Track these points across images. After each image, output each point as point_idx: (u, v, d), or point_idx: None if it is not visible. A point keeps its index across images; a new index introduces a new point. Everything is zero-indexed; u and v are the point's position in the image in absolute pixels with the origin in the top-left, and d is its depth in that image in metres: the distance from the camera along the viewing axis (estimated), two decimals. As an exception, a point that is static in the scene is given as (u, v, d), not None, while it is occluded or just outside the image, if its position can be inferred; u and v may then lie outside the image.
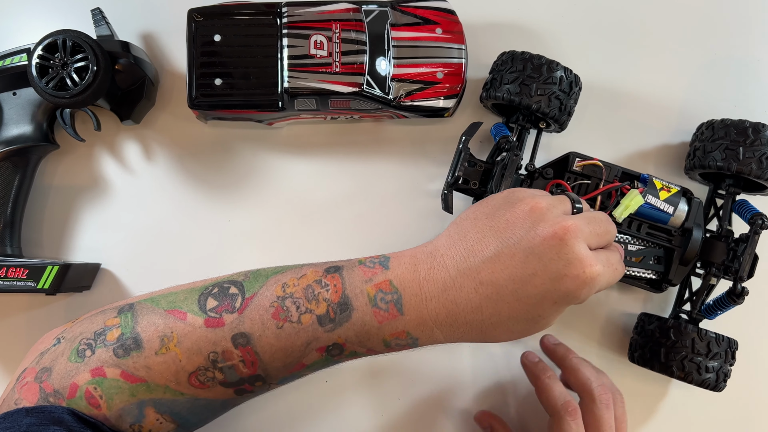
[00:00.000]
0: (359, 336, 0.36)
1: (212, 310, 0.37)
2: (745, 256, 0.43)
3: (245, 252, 0.51)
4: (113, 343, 0.37)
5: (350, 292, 0.36)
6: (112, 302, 0.50)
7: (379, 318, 0.36)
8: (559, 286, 0.34)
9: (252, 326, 0.36)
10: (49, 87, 0.45)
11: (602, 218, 0.38)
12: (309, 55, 0.46)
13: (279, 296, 0.37)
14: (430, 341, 0.37)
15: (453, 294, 0.35)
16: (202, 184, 0.51)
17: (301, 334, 0.36)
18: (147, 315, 0.38)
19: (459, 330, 0.36)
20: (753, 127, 0.44)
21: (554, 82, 0.45)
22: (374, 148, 0.52)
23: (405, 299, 0.36)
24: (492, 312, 0.35)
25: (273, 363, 0.37)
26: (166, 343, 0.36)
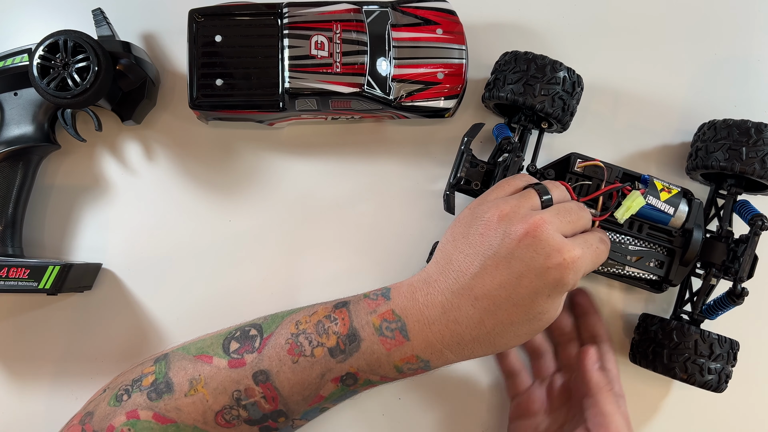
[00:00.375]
0: (370, 364, 0.38)
1: (235, 351, 0.40)
2: (745, 257, 0.43)
3: (246, 252, 0.51)
4: (147, 388, 0.40)
5: (357, 323, 0.39)
6: (113, 303, 0.50)
7: (386, 345, 0.38)
8: (546, 279, 0.36)
9: (270, 363, 0.39)
10: (51, 87, 0.45)
11: (571, 207, 0.39)
12: (310, 56, 0.46)
13: (293, 333, 0.39)
14: (442, 362, 0.39)
15: (453, 314, 0.37)
16: (203, 185, 0.52)
17: (315, 366, 0.38)
18: (178, 361, 0.40)
19: (468, 347, 0.38)
20: (756, 127, 0.44)
21: (557, 83, 0.45)
22: (375, 148, 0.52)
23: (409, 325, 0.38)
24: (494, 323, 0.37)
25: (292, 397, 0.39)
26: (195, 385, 0.39)
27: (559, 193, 0.40)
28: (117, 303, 0.50)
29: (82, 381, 0.50)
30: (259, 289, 0.51)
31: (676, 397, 0.50)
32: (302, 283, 0.51)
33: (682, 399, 0.50)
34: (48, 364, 0.50)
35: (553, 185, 0.41)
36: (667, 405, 0.50)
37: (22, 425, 0.50)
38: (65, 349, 0.50)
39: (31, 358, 0.50)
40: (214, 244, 0.51)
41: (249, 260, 0.51)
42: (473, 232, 0.38)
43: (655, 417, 0.50)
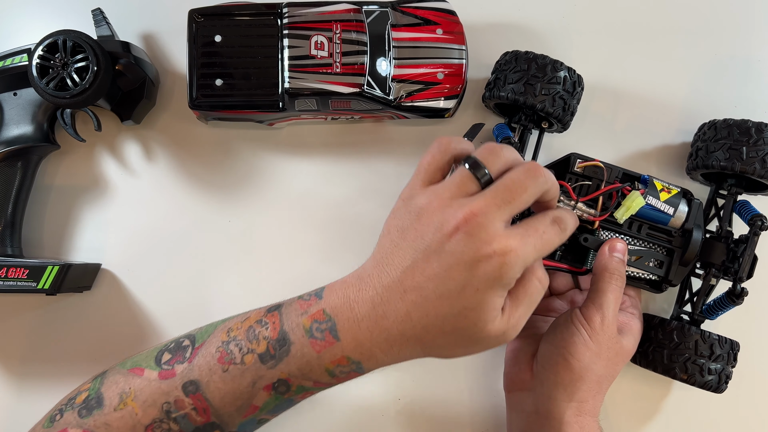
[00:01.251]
0: (301, 369, 0.37)
1: (166, 362, 0.38)
2: (745, 257, 0.43)
3: (245, 252, 0.51)
4: (79, 405, 0.38)
5: (287, 326, 0.37)
6: (112, 303, 0.50)
7: (316, 347, 0.36)
8: (475, 271, 0.34)
9: (200, 373, 0.37)
10: (50, 87, 0.45)
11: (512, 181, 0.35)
12: (310, 56, 0.46)
13: (224, 341, 0.38)
14: (373, 362, 0.37)
15: (382, 309, 0.36)
16: (202, 185, 0.51)
17: (245, 374, 0.37)
18: (112, 376, 0.39)
19: (396, 344, 0.36)
20: (756, 126, 0.44)
21: (558, 82, 0.45)
22: (375, 148, 0.52)
23: (339, 324, 0.36)
24: (420, 315, 0.35)
25: (224, 408, 0.37)
26: (124, 399, 0.38)
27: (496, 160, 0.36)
28: (116, 303, 0.50)
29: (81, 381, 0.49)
30: (259, 288, 0.51)
31: (676, 397, 0.50)
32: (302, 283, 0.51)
33: (682, 399, 0.50)
34: (48, 364, 0.50)
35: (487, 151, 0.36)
36: (667, 405, 0.50)
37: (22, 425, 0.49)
38: (65, 349, 0.50)
39: (30, 358, 0.50)
40: (214, 244, 0.51)
41: (248, 260, 0.51)
42: (409, 226, 0.36)
43: (655, 417, 0.50)
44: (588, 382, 0.42)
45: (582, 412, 0.42)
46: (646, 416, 0.50)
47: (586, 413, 0.42)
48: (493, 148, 0.36)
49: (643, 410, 0.50)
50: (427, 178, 0.37)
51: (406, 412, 0.50)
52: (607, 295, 0.42)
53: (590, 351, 0.41)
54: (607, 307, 0.42)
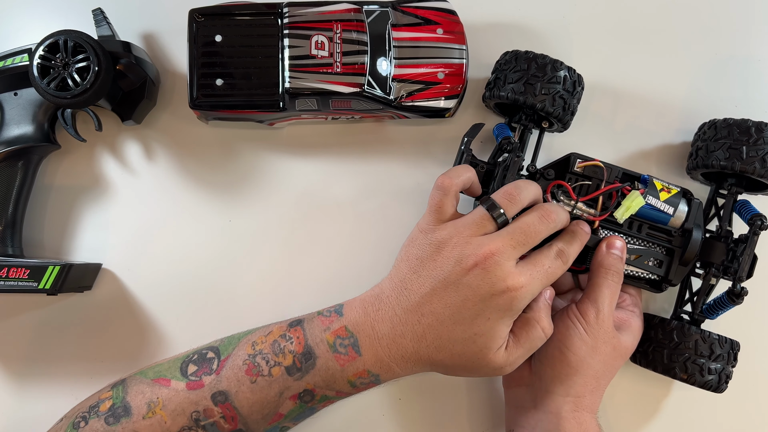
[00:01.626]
0: (326, 380, 0.40)
1: (193, 374, 0.40)
2: (744, 257, 0.43)
3: (246, 252, 0.51)
4: (105, 413, 0.40)
5: (312, 341, 0.40)
6: (113, 303, 0.50)
7: (340, 362, 0.40)
8: (489, 304, 0.38)
9: (228, 384, 0.40)
10: (51, 87, 0.45)
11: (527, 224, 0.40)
12: (310, 56, 0.46)
13: (250, 354, 0.41)
14: (390, 375, 0.40)
15: (401, 329, 0.40)
16: (203, 185, 0.52)
17: (273, 385, 0.40)
18: (136, 385, 0.41)
19: (410, 361, 0.40)
20: (756, 126, 0.44)
21: (558, 82, 0.45)
22: (375, 148, 0.52)
23: (361, 341, 0.40)
24: (434, 337, 0.39)
25: (252, 416, 0.40)
26: (153, 408, 0.39)
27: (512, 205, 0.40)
28: (117, 303, 0.50)
29: (82, 381, 0.50)
30: (259, 288, 0.51)
31: (676, 397, 0.50)
32: (302, 283, 0.51)
33: (682, 399, 0.50)
34: (48, 364, 0.50)
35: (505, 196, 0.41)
36: (667, 405, 0.50)
37: (22, 425, 0.50)
38: (65, 349, 0.50)
39: (31, 358, 0.50)
40: (214, 244, 0.51)
41: (249, 260, 0.51)
42: (428, 256, 0.40)
43: (655, 417, 0.50)
44: (584, 377, 0.43)
45: (579, 408, 0.43)
46: (646, 416, 0.50)
47: (583, 409, 0.43)
48: (511, 194, 0.41)
49: (643, 410, 0.50)
50: (439, 217, 0.41)
51: (406, 412, 0.50)
52: (602, 290, 0.43)
53: (586, 345, 0.42)
54: (602, 301, 0.43)
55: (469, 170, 0.43)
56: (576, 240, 0.42)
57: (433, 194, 0.42)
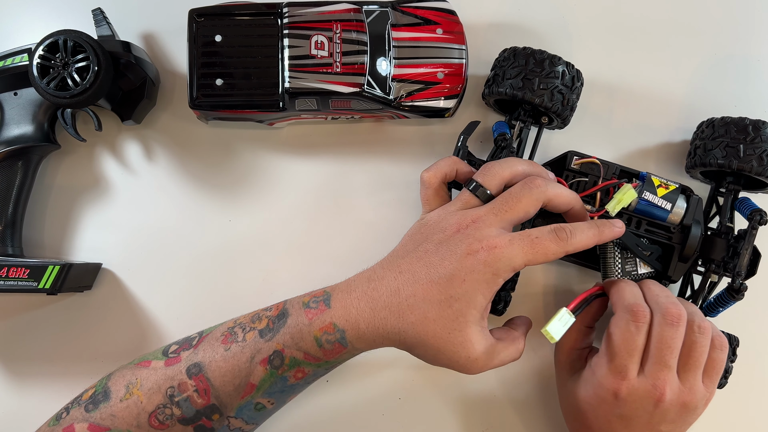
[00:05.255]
0: (294, 337, 0.39)
1: (173, 352, 0.40)
2: (743, 251, 0.43)
3: (246, 252, 0.51)
4: (86, 401, 0.40)
5: (289, 305, 0.40)
6: (113, 302, 0.50)
7: (309, 315, 0.39)
8: (464, 262, 0.38)
9: (204, 354, 0.39)
10: (50, 87, 0.45)
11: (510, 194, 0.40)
12: (310, 56, 0.46)
13: (230, 327, 0.41)
14: (356, 334, 0.38)
15: (375, 283, 0.39)
16: (202, 184, 0.52)
17: (245, 350, 0.39)
18: (119, 371, 0.41)
19: (379, 316, 0.38)
20: (753, 124, 0.44)
21: (556, 77, 0.45)
22: (375, 148, 0.52)
23: (333, 295, 0.40)
24: (409, 293, 0.38)
25: (224, 387, 0.39)
26: (130, 389, 0.39)
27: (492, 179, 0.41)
28: (117, 303, 0.50)
29: (82, 381, 0.49)
30: (259, 288, 0.51)
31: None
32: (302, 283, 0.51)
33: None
34: (48, 364, 0.50)
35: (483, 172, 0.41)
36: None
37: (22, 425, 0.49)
38: (65, 349, 0.50)
39: (31, 358, 0.50)
40: (214, 243, 0.51)
41: (249, 260, 0.51)
42: (417, 233, 0.41)
43: (654, 415, 0.50)
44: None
45: None
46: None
47: None
48: (487, 167, 0.41)
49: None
50: (428, 207, 0.43)
51: (406, 412, 0.50)
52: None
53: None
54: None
55: (450, 162, 0.43)
56: (592, 228, 0.40)
57: (420, 189, 0.44)
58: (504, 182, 0.41)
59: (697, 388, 0.41)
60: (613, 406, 0.40)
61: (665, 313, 0.40)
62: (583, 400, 0.42)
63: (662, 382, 0.39)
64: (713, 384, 0.42)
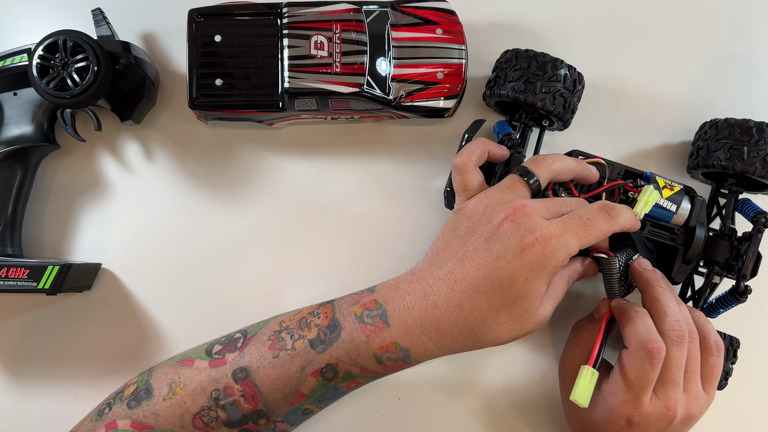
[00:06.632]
0: (349, 353, 0.37)
1: (217, 353, 0.39)
2: (749, 255, 0.43)
3: (246, 252, 0.51)
4: (128, 398, 0.39)
5: (339, 315, 0.38)
6: (113, 303, 0.50)
7: (366, 332, 0.37)
8: (522, 259, 0.36)
9: (251, 360, 0.38)
10: (50, 87, 0.45)
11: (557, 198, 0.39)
12: (309, 56, 0.46)
13: (276, 330, 0.39)
14: (422, 352, 0.38)
15: (433, 298, 0.37)
16: (202, 185, 0.51)
17: (295, 359, 0.38)
18: (161, 368, 0.40)
19: (447, 334, 0.37)
20: (757, 126, 0.44)
21: (558, 80, 0.44)
22: (375, 147, 0.52)
23: (390, 311, 0.38)
24: (472, 306, 0.36)
25: (272, 394, 0.38)
26: (173, 388, 0.38)
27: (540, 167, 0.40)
28: (116, 303, 0.50)
29: (82, 381, 0.50)
30: (259, 288, 0.51)
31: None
32: (302, 283, 0.51)
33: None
34: (48, 364, 0.50)
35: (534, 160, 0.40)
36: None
37: (22, 425, 0.50)
38: (65, 349, 0.50)
39: (31, 358, 0.50)
40: (214, 243, 0.51)
41: (249, 260, 0.51)
42: (460, 225, 0.39)
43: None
44: None
45: None
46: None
47: None
48: (538, 158, 0.40)
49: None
50: (466, 194, 0.41)
51: (406, 412, 0.50)
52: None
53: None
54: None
55: (481, 143, 0.42)
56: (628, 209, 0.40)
57: (454, 177, 0.42)
58: (553, 176, 0.40)
59: (700, 395, 0.41)
60: (624, 429, 0.40)
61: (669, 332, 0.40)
62: (594, 422, 0.42)
63: (674, 402, 0.39)
64: (713, 389, 0.42)
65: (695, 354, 0.40)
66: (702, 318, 0.43)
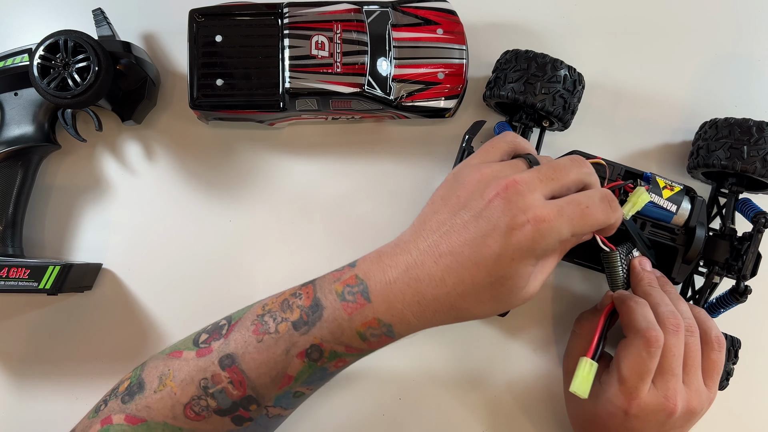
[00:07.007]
0: (333, 332, 0.37)
1: (204, 341, 0.39)
2: (749, 255, 0.43)
3: (246, 252, 0.51)
4: (122, 393, 0.40)
5: (320, 293, 0.38)
6: (113, 303, 0.50)
7: (348, 310, 0.37)
8: (510, 239, 0.34)
9: (236, 346, 0.38)
10: (51, 87, 0.45)
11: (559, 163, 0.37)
12: (310, 56, 0.46)
13: (258, 314, 0.39)
14: (405, 327, 0.37)
15: (415, 272, 0.36)
16: (203, 185, 0.51)
17: (279, 342, 0.37)
18: (152, 362, 0.40)
19: (429, 308, 0.36)
20: (757, 125, 0.44)
21: (558, 81, 0.45)
22: (376, 147, 0.52)
23: (371, 287, 0.37)
24: (455, 281, 0.35)
25: (260, 379, 0.38)
26: (163, 380, 0.38)
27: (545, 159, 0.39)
28: (117, 303, 0.50)
29: (82, 381, 0.50)
30: (260, 288, 0.51)
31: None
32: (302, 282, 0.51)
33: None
34: (48, 364, 0.50)
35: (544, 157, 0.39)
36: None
37: (22, 425, 0.50)
38: (65, 349, 0.50)
39: (31, 358, 0.50)
40: (215, 244, 0.51)
41: (249, 260, 0.51)
42: (452, 193, 0.37)
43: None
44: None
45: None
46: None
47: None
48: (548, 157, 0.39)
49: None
50: (485, 157, 0.38)
51: (406, 412, 0.50)
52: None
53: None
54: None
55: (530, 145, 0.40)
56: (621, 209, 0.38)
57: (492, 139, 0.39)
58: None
59: (701, 390, 0.41)
60: (623, 421, 0.40)
61: (665, 322, 0.40)
62: (593, 413, 0.42)
63: (672, 393, 0.39)
64: (715, 385, 0.41)
65: (695, 347, 0.40)
66: (703, 314, 0.43)
